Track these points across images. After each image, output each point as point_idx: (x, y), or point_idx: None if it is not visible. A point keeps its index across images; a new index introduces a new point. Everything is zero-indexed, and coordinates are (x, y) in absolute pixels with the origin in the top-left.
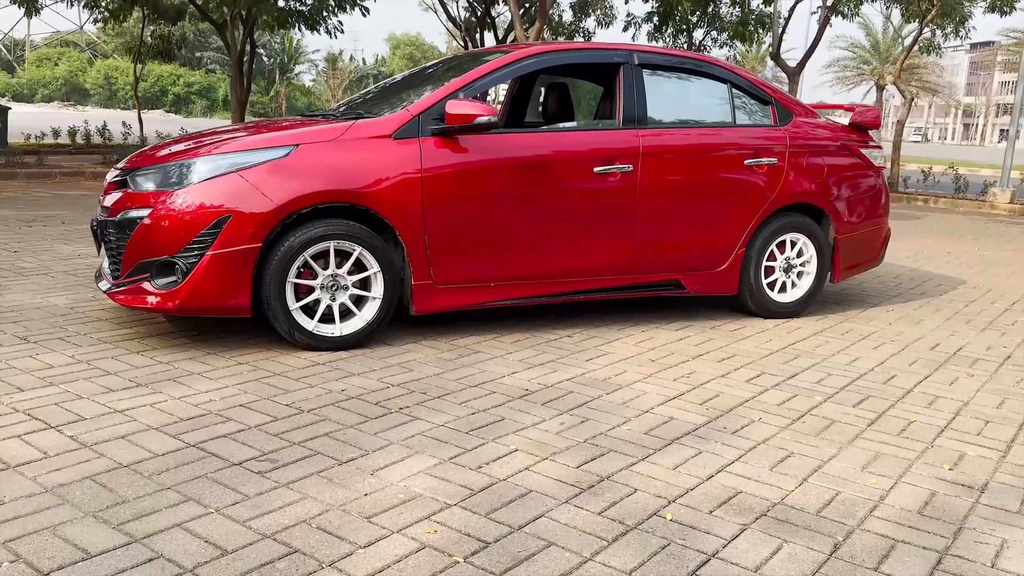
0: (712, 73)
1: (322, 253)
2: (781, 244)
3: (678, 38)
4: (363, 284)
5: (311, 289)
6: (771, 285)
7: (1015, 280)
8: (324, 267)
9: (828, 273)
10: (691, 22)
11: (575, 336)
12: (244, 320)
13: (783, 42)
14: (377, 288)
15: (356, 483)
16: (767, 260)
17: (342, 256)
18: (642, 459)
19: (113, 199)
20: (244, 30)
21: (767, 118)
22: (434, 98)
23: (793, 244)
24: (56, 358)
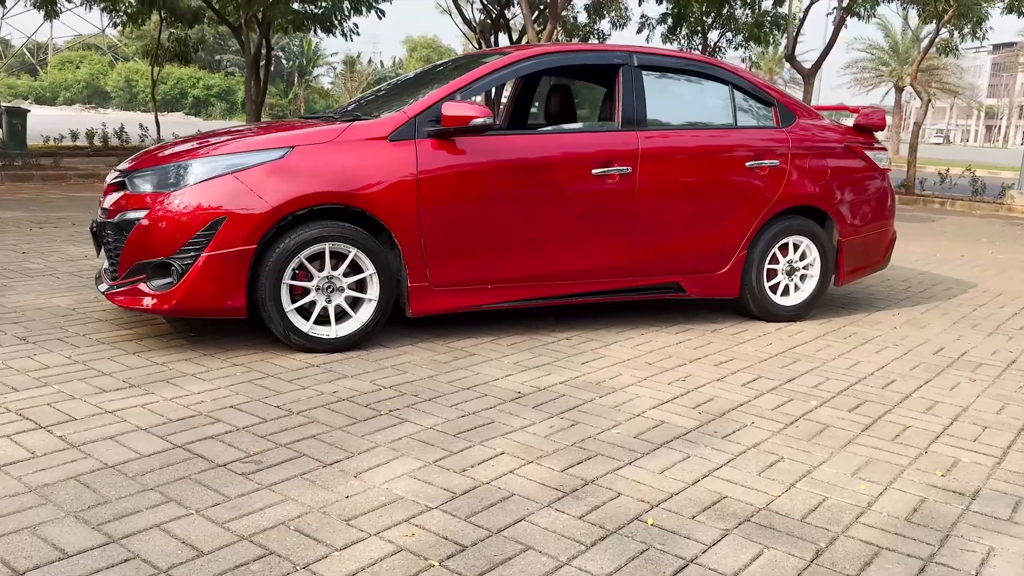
0: (713, 75)
1: (318, 255)
2: (784, 247)
3: (692, 40)
4: (359, 286)
5: (307, 291)
6: (773, 288)
7: None
8: (320, 269)
9: (832, 276)
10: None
11: (573, 339)
12: (242, 321)
13: (799, 44)
14: (373, 290)
15: (338, 485)
16: (769, 263)
17: (338, 258)
18: (628, 463)
19: (112, 200)
20: (259, 33)
21: (769, 120)
22: (430, 100)
23: (796, 247)
24: (53, 359)
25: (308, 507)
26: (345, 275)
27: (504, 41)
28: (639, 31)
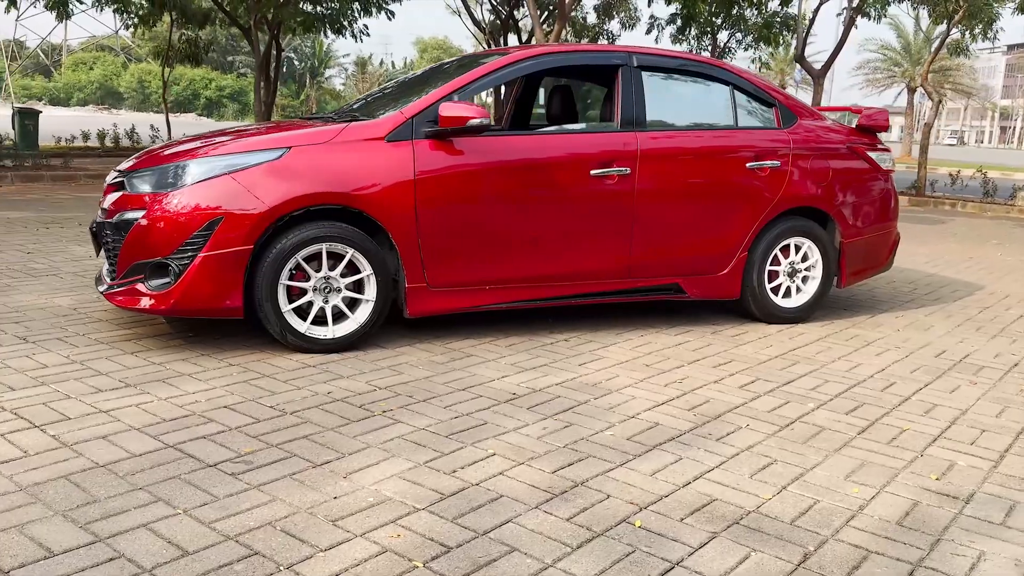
0: (714, 75)
1: (315, 255)
2: (785, 248)
3: (702, 40)
4: (356, 287)
5: (304, 291)
6: (775, 290)
7: None
8: (317, 270)
9: (834, 278)
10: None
11: (572, 340)
12: (240, 322)
13: (810, 44)
14: (370, 291)
15: (327, 486)
16: (771, 265)
17: (335, 259)
18: (620, 465)
19: (111, 200)
20: (268, 34)
21: (771, 121)
22: (428, 100)
23: (798, 248)
24: (51, 358)
25: (296, 507)
26: (342, 276)
27: (513, 42)
28: (648, 32)
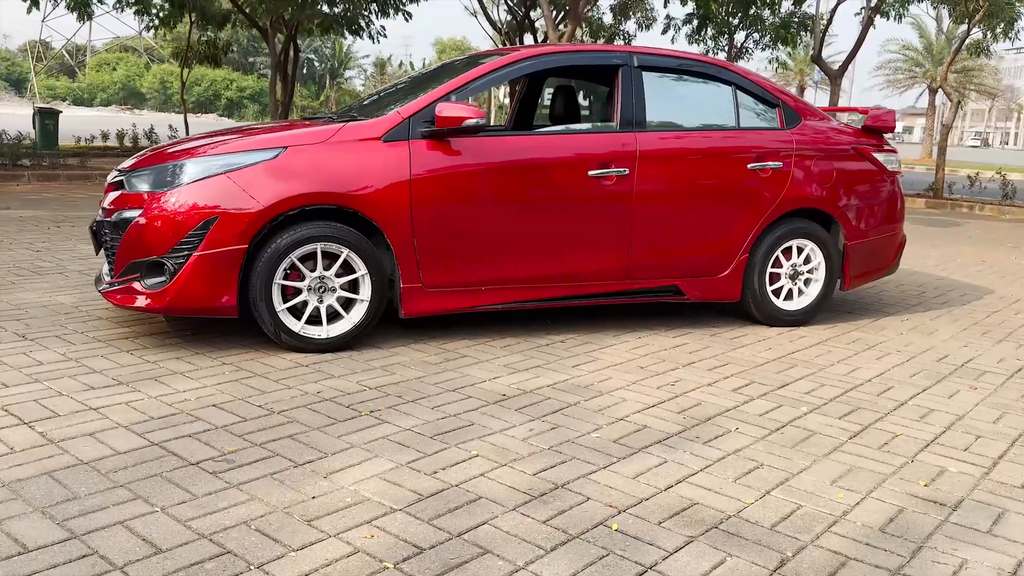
0: (716, 75)
1: (310, 255)
2: (787, 250)
3: (719, 41)
4: (351, 286)
5: (299, 291)
6: (777, 292)
7: None
8: (312, 269)
9: (837, 281)
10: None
11: (568, 342)
12: (237, 321)
13: (829, 45)
14: (365, 291)
15: (306, 486)
16: (773, 267)
17: (330, 258)
18: (603, 467)
19: (111, 199)
20: (286, 35)
21: (774, 121)
22: (425, 101)
23: (800, 250)
24: (47, 355)
25: (272, 507)
26: (337, 275)
27: (529, 42)
28: (664, 32)
